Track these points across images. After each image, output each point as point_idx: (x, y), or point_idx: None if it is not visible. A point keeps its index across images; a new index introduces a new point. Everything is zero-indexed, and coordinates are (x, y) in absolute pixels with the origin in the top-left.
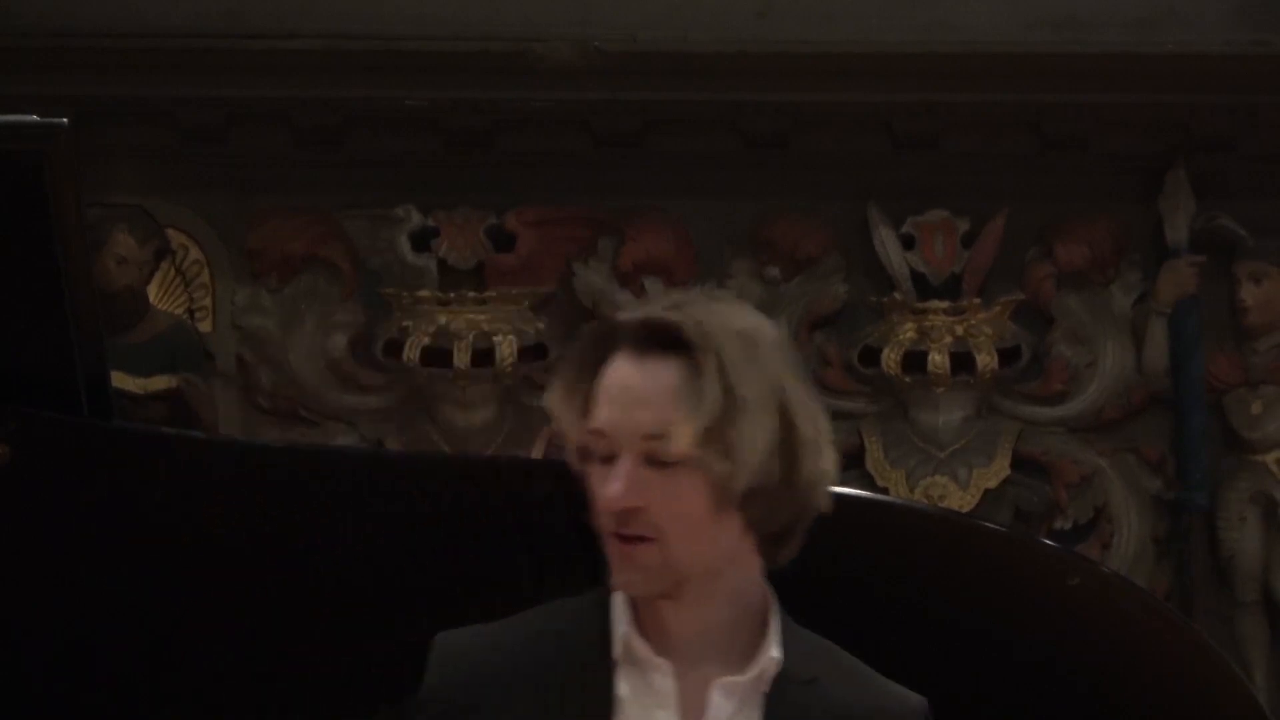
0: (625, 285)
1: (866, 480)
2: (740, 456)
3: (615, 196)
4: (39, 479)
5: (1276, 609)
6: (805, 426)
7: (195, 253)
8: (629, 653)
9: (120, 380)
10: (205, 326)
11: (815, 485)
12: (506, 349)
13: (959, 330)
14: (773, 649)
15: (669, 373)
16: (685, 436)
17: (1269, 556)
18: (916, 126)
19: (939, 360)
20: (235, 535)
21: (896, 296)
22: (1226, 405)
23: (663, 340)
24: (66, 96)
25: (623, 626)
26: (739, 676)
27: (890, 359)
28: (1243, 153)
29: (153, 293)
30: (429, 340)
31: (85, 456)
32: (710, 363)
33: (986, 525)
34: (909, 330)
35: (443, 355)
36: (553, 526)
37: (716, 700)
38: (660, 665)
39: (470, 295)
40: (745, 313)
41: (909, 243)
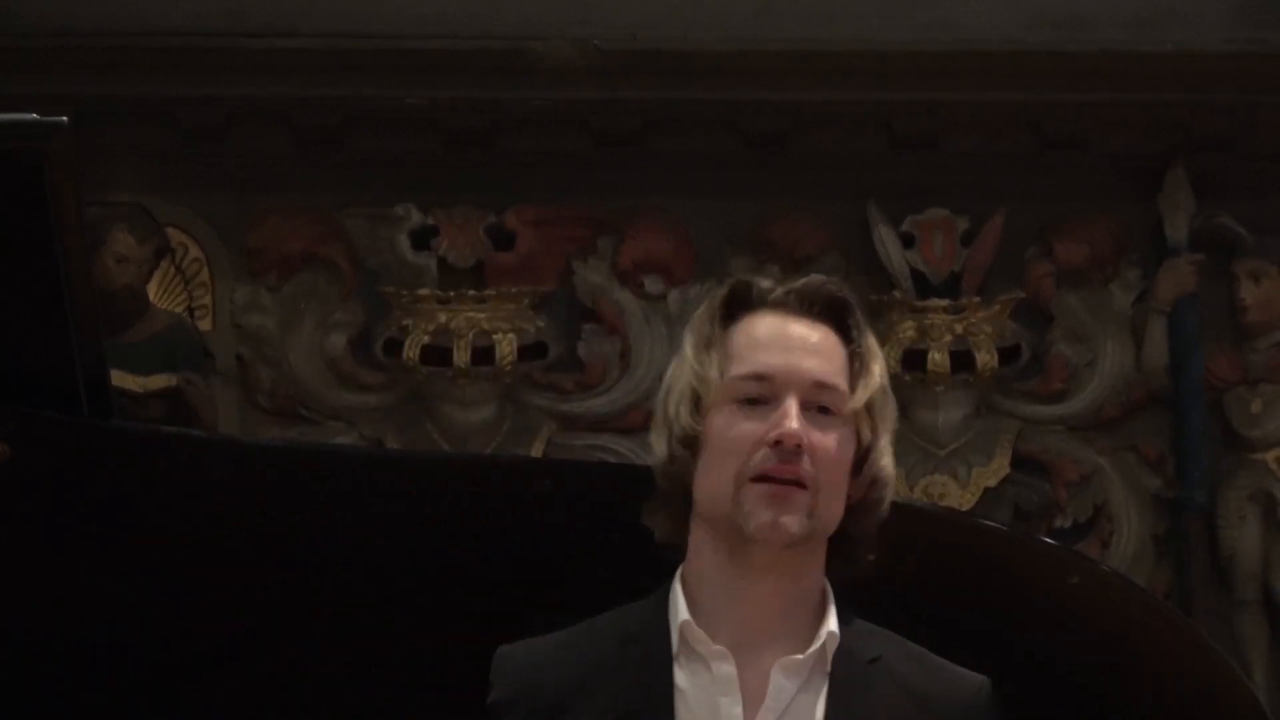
0: (625, 284)
1: None
2: (883, 434)
3: (615, 196)
4: (39, 478)
5: (1276, 608)
6: (892, 440)
7: (195, 251)
8: (687, 643)
9: (120, 379)
10: (205, 325)
11: (892, 481)
12: (506, 348)
13: (959, 329)
14: (831, 625)
15: (831, 333)
16: (862, 395)
17: (1268, 555)
18: (916, 126)
19: (939, 359)
20: (235, 534)
21: (896, 295)
22: (1226, 404)
23: (814, 307)
24: (66, 96)
25: (680, 617)
26: (799, 655)
27: (889, 357)
28: (1242, 152)
29: (152, 291)
30: (429, 339)
31: (85, 456)
32: (870, 340)
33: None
34: (909, 329)
35: (442, 354)
36: (553, 525)
37: (778, 681)
38: (719, 652)
39: (470, 294)
40: None
41: (909, 241)
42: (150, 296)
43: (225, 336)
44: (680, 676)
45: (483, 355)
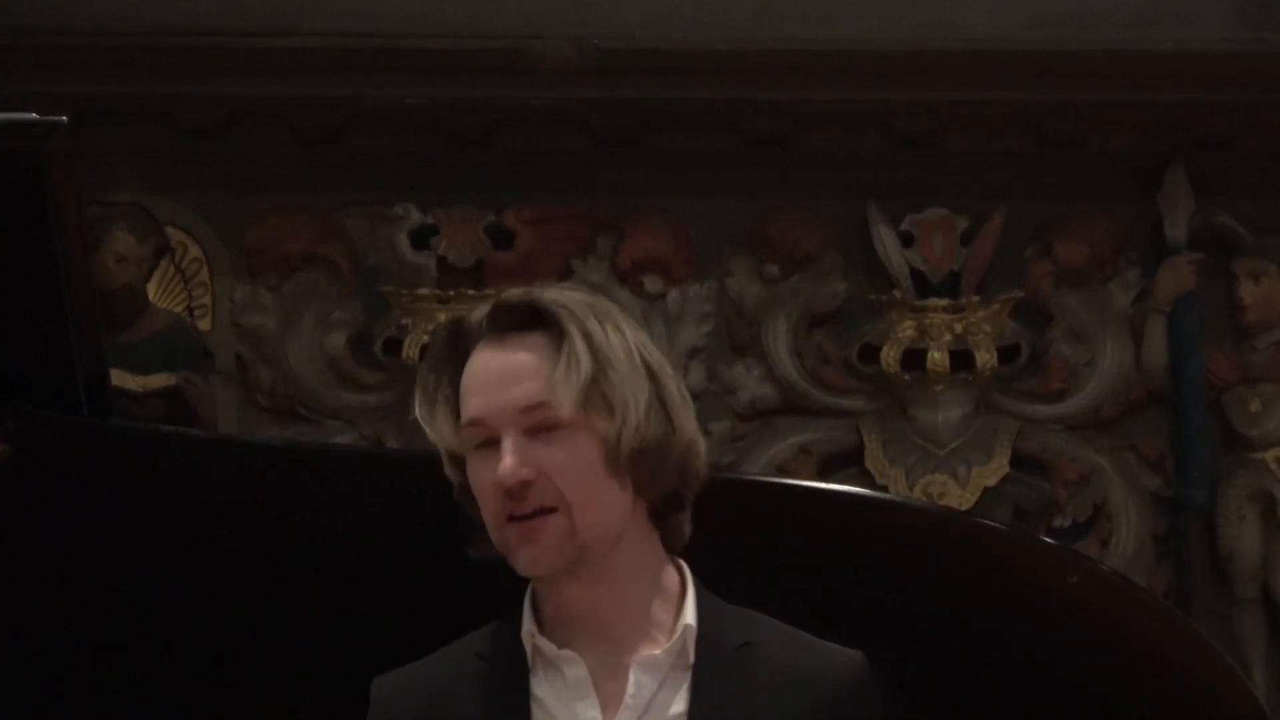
0: (624, 283)
1: (866, 478)
2: (622, 413)
3: (614, 195)
4: (38, 477)
5: (1275, 607)
6: (671, 385)
7: (194, 251)
8: (538, 652)
9: (119, 378)
10: (204, 324)
11: (693, 446)
12: None
13: (958, 328)
14: (687, 617)
15: (534, 346)
16: (568, 399)
17: (1268, 554)
18: (916, 125)
19: (938, 358)
20: (234, 533)
21: (895, 294)
22: (1225, 403)
23: (517, 321)
24: (66, 95)
25: (525, 627)
26: (656, 651)
27: (889, 357)
28: (1242, 151)
29: (152, 291)
30: (428, 338)
31: (85, 455)
32: (573, 328)
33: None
34: (908, 328)
35: None
36: None
37: (637, 679)
38: (568, 656)
39: (469, 293)
40: (587, 293)
41: (908, 241)
42: (150, 296)
43: (225, 336)
44: (537, 686)
45: None
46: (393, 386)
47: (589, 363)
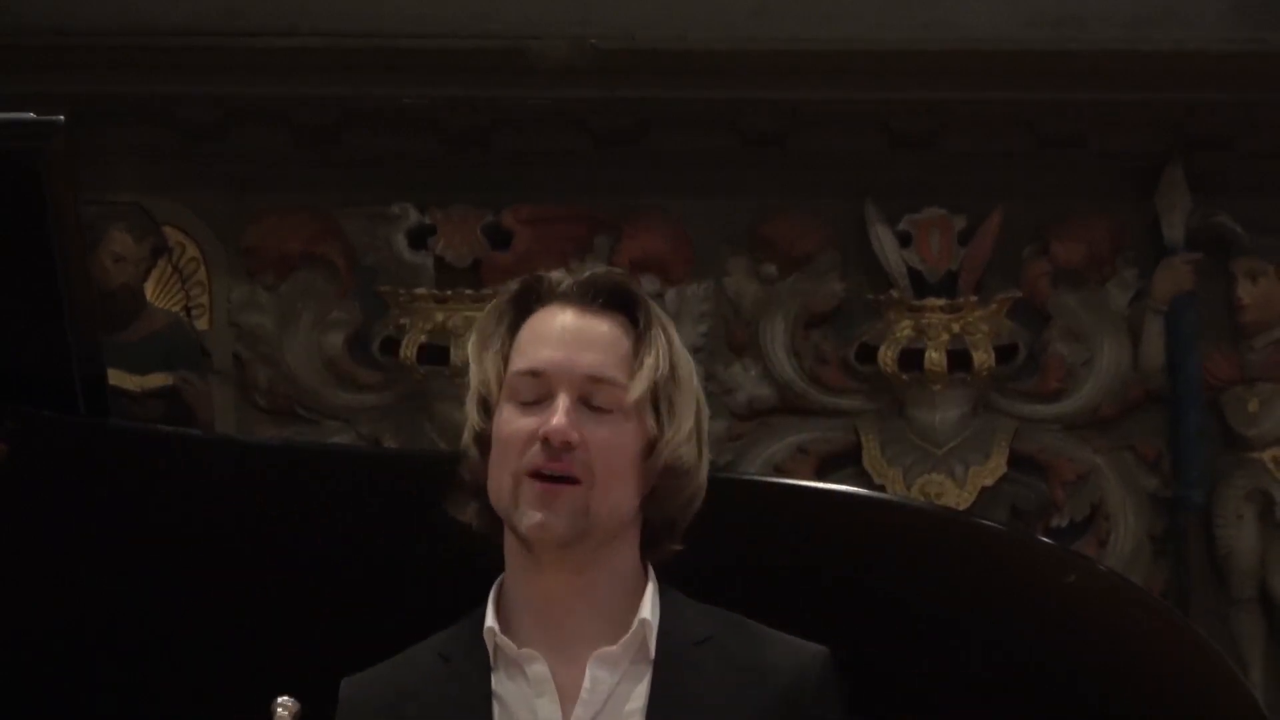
0: None
1: (863, 478)
2: (675, 424)
3: (612, 194)
4: (37, 477)
5: (1273, 606)
6: (705, 425)
7: (192, 250)
8: (499, 651)
9: (117, 378)
10: (202, 324)
11: (703, 485)
12: None
13: (956, 328)
14: (644, 612)
15: (616, 325)
16: (639, 388)
17: (1266, 554)
18: (913, 124)
19: (936, 358)
20: (233, 533)
21: (893, 294)
22: (1223, 403)
23: (602, 298)
24: (63, 94)
25: (486, 624)
26: (613, 646)
27: (887, 356)
28: (1240, 150)
29: (150, 290)
30: (426, 338)
31: (83, 454)
32: (657, 327)
33: (983, 523)
34: (906, 328)
35: (440, 353)
36: None
37: (594, 674)
38: (528, 654)
39: (467, 293)
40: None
41: (906, 240)
42: (148, 296)
43: (222, 335)
44: (498, 684)
45: None
46: (391, 386)
47: (666, 363)
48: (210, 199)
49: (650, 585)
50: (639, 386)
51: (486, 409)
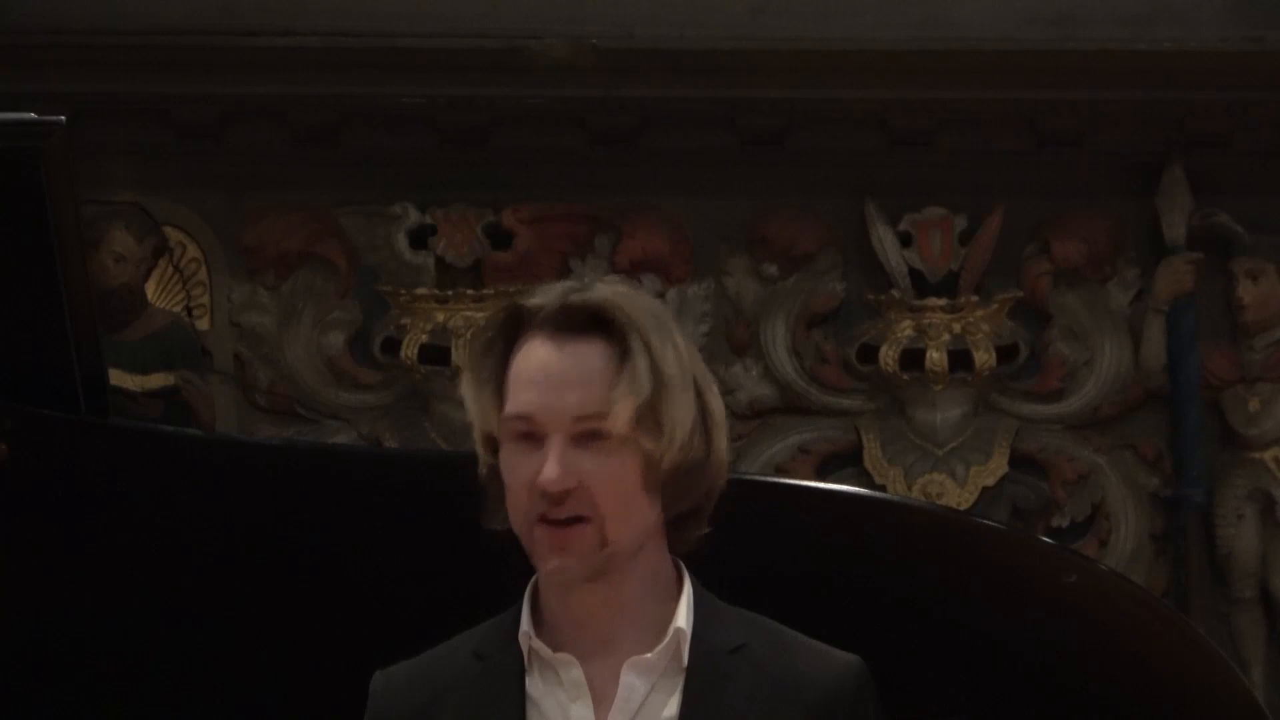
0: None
1: (864, 478)
2: (670, 434)
3: (612, 194)
4: (37, 476)
5: (1273, 605)
6: (714, 403)
7: (193, 250)
8: (535, 654)
9: (118, 378)
10: (203, 324)
11: (724, 463)
12: None
13: (956, 328)
14: (679, 620)
15: (595, 353)
16: (624, 415)
17: (1266, 553)
18: (913, 123)
19: (936, 358)
20: (232, 532)
21: (894, 294)
22: (1223, 402)
23: (581, 322)
24: (63, 94)
25: (521, 628)
26: (648, 654)
27: (888, 356)
28: (1239, 149)
29: (150, 290)
30: (426, 338)
31: (83, 454)
32: (636, 342)
33: (984, 523)
34: (906, 328)
35: (440, 353)
36: None
37: (628, 681)
38: (564, 659)
39: (468, 293)
40: (645, 294)
41: (906, 240)
42: (148, 295)
43: (223, 335)
44: (533, 687)
45: None
46: (391, 386)
47: (648, 382)
48: (210, 199)
49: (685, 590)
50: (622, 415)
51: (489, 445)
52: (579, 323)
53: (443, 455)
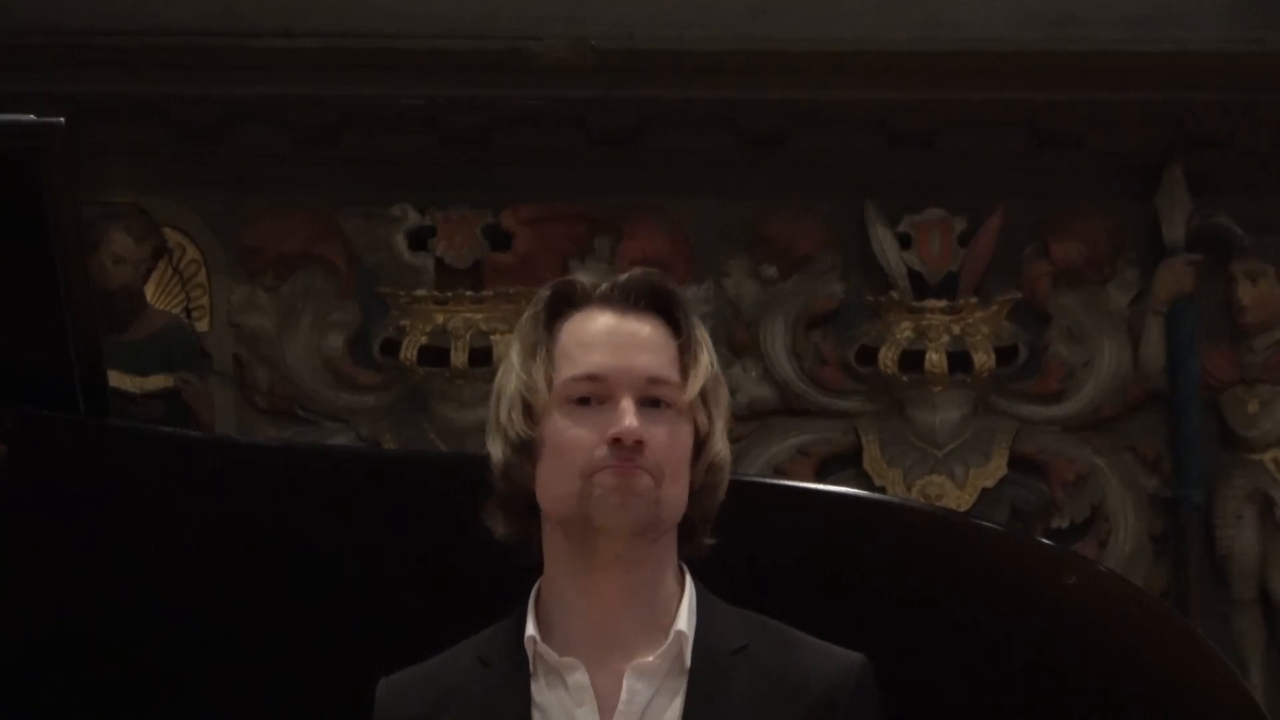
0: None
1: (863, 479)
2: (717, 420)
3: (612, 194)
4: (36, 477)
5: (1273, 607)
6: (728, 423)
7: (192, 251)
8: (539, 658)
9: (117, 379)
10: (202, 325)
11: (725, 481)
12: (504, 348)
13: (956, 329)
14: (680, 623)
15: (658, 327)
16: (694, 388)
17: (1265, 555)
18: (912, 124)
19: (936, 359)
20: (232, 534)
21: (893, 295)
22: (1223, 404)
23: (641, 300)
24: (62, 94)
25: (527, 633)
26: (649, 657)
27: (887, 358)
28: (1239, 150)
29: (150, 291)
30: (426, 339)
31: (82, 455)
32: (699, 330)
33: (983, 524)
34: (906, 329)
35: (440, 354)
36: None
37: (631, 685)
38: (570, 663)
39: (467, 294)
40: None
41: (906, 241)
42: (148, 297)
43: (222, 336)
44: (538, 692)
45: (480, 356)
46: (391, 387)
47: (707, 363)
48: (210, 200)
49: (687, 592)
50: (695, 385)
51: (530, 417)
52: (639, 299)
53: (442, 456)
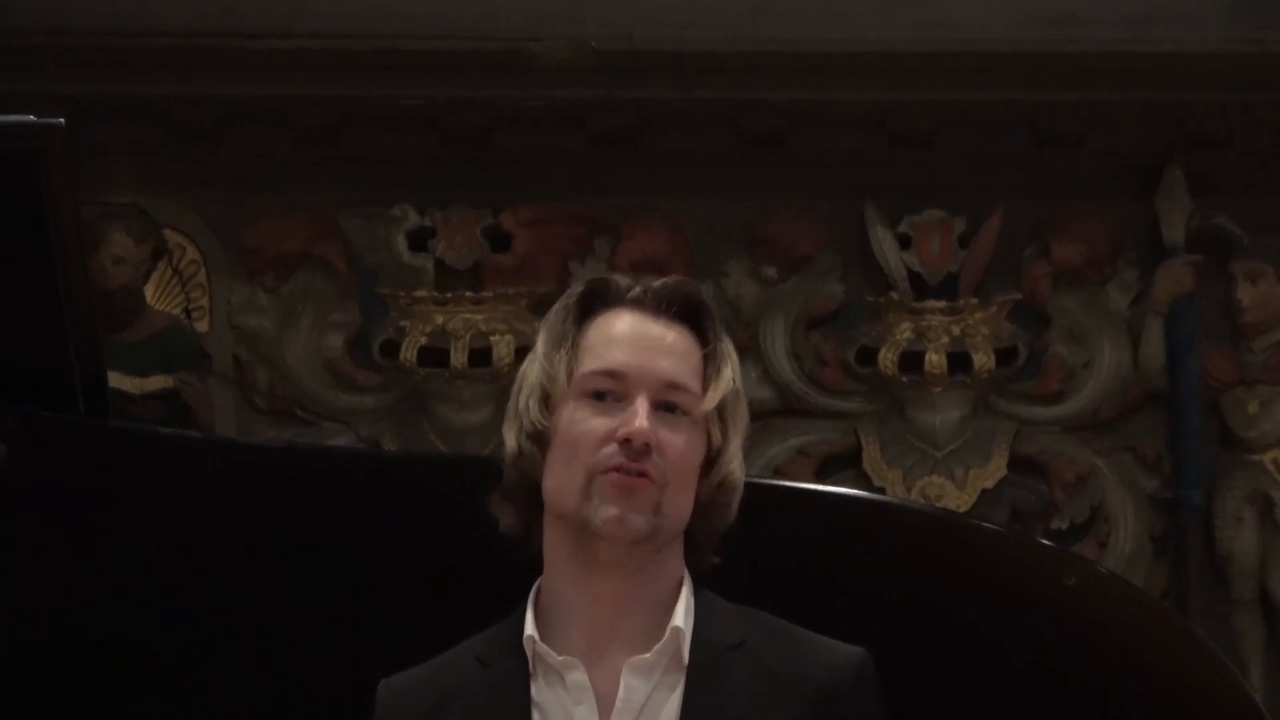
0: None
1: (863, 480)
2: (734, 438)
3: (612, 195)
4: (36, 477)
5: (1273, 607)
6: (743, 445)
7: (192, 252)
8: (538, 658)
9: (117, 380)
10: (202, 326)
11: (736, 501)
12: (504, 349)
13: (956, 330)
14: (677, 619)
15: (686, 335)
16: (714, 399)
17: (1265, 555)
18: (912, 125)
19: (936, 360)
20: (232, 534)
21: (893, 296)
22: (1223, 404)
23: (671, 307)
24: (62, 95)
25: (526, 632)
26: (647, 654)
27: (887, 358)
28: (1239, 150)
29: (149, 292)
30: (426, 340)
31: (82, 455)
32: (726, 343)
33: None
34: (906, 330)
35: (440, 355)
36: None
37: (628, 682)
38: (569, 662)
39: (467, 295)
40: None
41: (905, 242)
42: (148, 297)
43: (222, 337)
44: (537, 692)
45: (480, 357)
46: (390, 388)
47: (732, 378)
48: (210, 200)
49: (685, 589)
50: (714, 397)
51: (547, 405)
52: (669, 306)
53: (442, 457)
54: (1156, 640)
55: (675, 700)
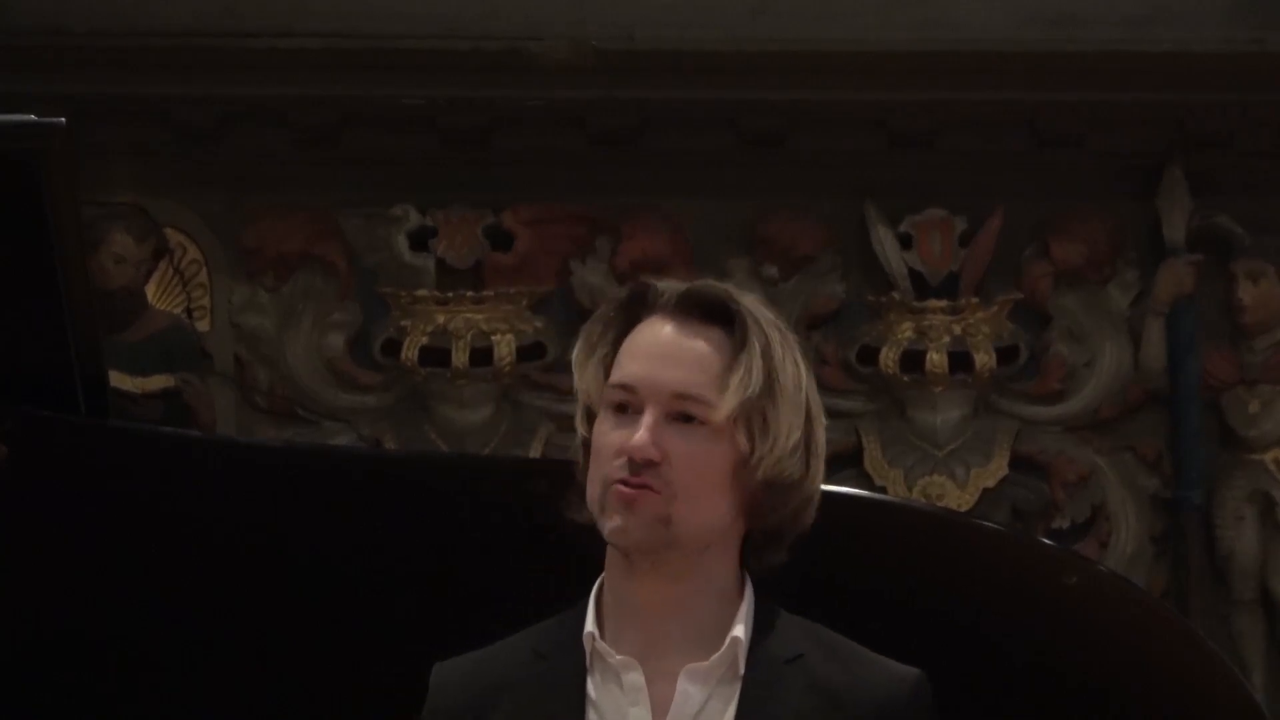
0: (622, 284)
1: (864, 479)
2: (773, 440)
3: (612, 195)
4: (37, 478)
5: (1274, 607)
6: (820, 436)
7: (193, 252)
8: (596, 655)
9: (118, 379)
10: (203, 326)
11: (815, 498)
12: (504, 348)
13: (957, 329)
14: (736, 629)
15: (712, 342)
16: (726, 407)
17: (1266, 555)
18: (912, 125)
19: (937, 359)
20: (233, 534)
21: (894, 296)
22: (1223, 404)
23: (704, 310)
24: (62, 95)
25: (585, 629)
26: (704, 662)
27: (888, 358)
28: (1239, 150)
29: (150, 292)
30: (427, 340)
31: (83, 455)
32: (756, 341)
33: (984, 524)
34: (907, 329)
35: (441, 355)
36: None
37: (684, 688)
38: (627, 662)
39: (468, 295)
40: (775, 312)
41: (906, 242)
42: (149, 297)
43: (223, 337)
44: (593, 689)
45: (481, 356)
46: (391, 388)
47: (760, 381)
48: (210, 200)
49: (746, 599)
50: (727, 405)
51: (588, 418)
52: (702, 310)
53: (442, 456)
54: (1157, 640)
55: (730, 711)
